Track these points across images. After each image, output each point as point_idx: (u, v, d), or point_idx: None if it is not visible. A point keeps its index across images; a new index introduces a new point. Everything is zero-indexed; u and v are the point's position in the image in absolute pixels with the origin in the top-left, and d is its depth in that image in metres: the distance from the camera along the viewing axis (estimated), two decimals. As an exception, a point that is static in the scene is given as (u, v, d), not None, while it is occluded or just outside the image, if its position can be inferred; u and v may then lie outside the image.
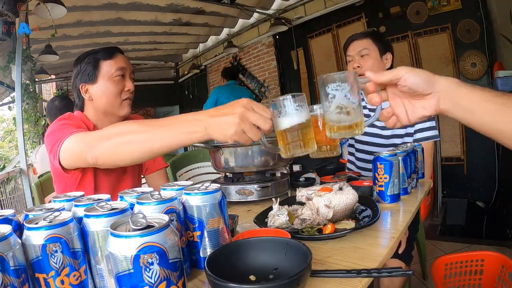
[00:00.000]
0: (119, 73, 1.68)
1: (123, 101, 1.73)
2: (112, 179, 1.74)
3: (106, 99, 1.69)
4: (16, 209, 4.93)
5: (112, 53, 1.70)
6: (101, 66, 1.67)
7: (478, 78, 4.56)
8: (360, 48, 2.06)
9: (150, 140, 1.11)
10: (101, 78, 1.67)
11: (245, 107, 0.96)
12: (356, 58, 2.08)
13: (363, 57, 2.06)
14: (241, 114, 0.95)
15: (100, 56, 1.67)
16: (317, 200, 1.16)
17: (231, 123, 0.95)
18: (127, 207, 0.79)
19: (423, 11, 4.95)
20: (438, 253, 3.28)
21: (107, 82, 1.67)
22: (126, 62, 1.74)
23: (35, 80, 6.16)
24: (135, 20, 6.14)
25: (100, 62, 1.67)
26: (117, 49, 1.75)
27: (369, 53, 2.05)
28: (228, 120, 0.96)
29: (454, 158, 4.92)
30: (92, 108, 1.72)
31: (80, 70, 1.68)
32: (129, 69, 1.73)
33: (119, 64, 1.69)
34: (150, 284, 0.61)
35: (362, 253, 0.99)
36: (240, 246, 0.89)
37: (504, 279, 1.73)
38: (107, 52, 1.70)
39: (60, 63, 7.26)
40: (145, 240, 0.61)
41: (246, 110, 0.96)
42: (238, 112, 0.95)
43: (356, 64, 2.06)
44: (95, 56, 1.68)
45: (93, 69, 1.66)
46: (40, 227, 0.68)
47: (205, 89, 9.56)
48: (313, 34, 6.54)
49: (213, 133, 0.99)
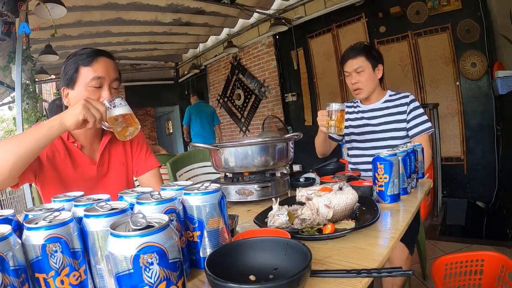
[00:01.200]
0: (94, 84, 1.55)
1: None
2: (85, 186, 1.63)
3: None
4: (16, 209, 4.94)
5: (91, 59, 1.55)
6: (79, 72, 1.55)
7: (478, 78, 4.57)
8: (356, 66, 2.33)
9: (18, 144, 1.29)
10: (78, 85, 1.55)
11: (84, 99, 1.35)
12: (353, 74, 2.36)
13: (359, 73, 2.34)
14: (83, 101, 1.33)
15: (80, 61, 1.54)
16: (317, 200, 1.16)
17: (76, 106, 1.32)
18: (127, 207, 0.79)
19: (423, 11, 4.95)
20: (438, 253, 3.28)
21: (83, 90, 1.54)
22: (107, 70, 1.58)
23: (35, 80, 6.14)
24: (135, 20, 6.15)
25: (79, 67, 1.54)
26: (99, 53, 1.60)
27: (363, 70, 2.32)
28: (75, 107, 1.33)
29: (454, 158, 4.92)
30: None
31: (63, 71, 1.59)
32: (108, 78, 1.58)
33: (97, 73, 1.54)
34: (150, 284, 0.61)
35: (362, 253, 0.99)
36: (240, 246, 0.89)
37: (504, 279, 1.72)
38: (87, 56, 1.55)
39: (60, 63, 7.23)
40: (145, 240, 0.61)
41: (86, 100, 1.35)
42: (81, 102, 1.33)
43: (354, 80, 2.35)
44: (76, 59, 1.55)
45: (73, 73, 1.55)
46: (40, 227, 0.68)
47: (205, 89, 9.57)
48: (313, 34, 6.54)
49: (66, 120, 1.32)
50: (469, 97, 4.70)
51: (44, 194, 1.61)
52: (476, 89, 4.63)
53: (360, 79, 2.32)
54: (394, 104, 2.36)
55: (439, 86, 4.97)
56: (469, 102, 4.72)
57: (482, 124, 4.60)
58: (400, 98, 2.36)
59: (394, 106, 2.35)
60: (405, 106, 2.31)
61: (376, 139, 2.37)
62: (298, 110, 7.09)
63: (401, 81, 5.29)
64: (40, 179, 1.56)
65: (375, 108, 2.42)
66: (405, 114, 2.30)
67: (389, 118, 2.34)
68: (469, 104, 4.71)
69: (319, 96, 6.60)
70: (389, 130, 2.33)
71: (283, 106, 7.36)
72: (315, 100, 6.69)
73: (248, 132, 8.29)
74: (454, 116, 4.83)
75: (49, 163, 1.56)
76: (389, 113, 2.35)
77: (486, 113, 4.55)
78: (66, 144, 1.63)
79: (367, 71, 2.32)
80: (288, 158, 1.80)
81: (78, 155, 1.66)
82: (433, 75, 5.01)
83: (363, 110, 2.47)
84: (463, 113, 4.77)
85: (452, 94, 4.82)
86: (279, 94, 7.36)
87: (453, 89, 4.81)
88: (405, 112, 2.31)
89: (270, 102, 7.59)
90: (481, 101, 4.60)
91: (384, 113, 2.37)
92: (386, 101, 2.40)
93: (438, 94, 4.96)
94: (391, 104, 2.37)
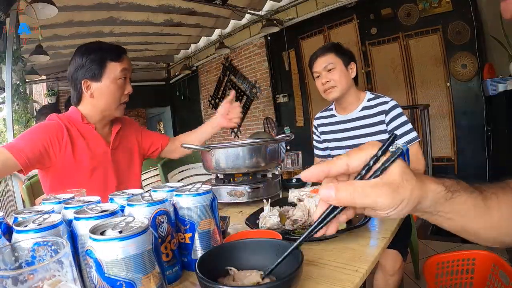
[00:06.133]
0: (122, 75, 1.72)
1: (120, 104, 1.78)
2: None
3: (107, 99, 1.73)
4: (6, 211, 4.89)
5: (120, 55, 1.73)
6: (107, 66, 1.69)
7: (469, 79, 4.60)
8: (325, 63, 2.15)
9: None
10: (105, 78, 1.70)
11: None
12: (323, 73, 2.17)
13: (330, 71, 2.15)
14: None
15: (108, 56, 1.69)
16: (308, 202, 1.16)
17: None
18: (117, 209, 0.79)
19: (414, 13, 4.98)
20: (430, 252, 3.30)
21: (111, 83, 1.70)
22: (130, 64, 1.78)
23: (25, 81, 6.11)
24: (127, 20, 6.12)
25: (107, 62, 1.69)
26: (124, 51, 1.78)
27: (335, 67, 2.14)
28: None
29: (445, 159, 4.95)
30: (90, 105, 1.76)
31: (85, 64, 1.68)
32: (130, 71, 1.78)
33: (124, 66, 1.73)
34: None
35: (354, 253, 0.99)
36: (231, 247, 0.88)
37: (495, 278, 1.74)
38: (115, 53, 1.72)
39: (50, 63, 7.21)
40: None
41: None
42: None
43: (325, 80, 2.16)
44: (102, 54, 1.69)
45: (99, 67, 1.67)
46: (29, 230, 0.68)
47: (196, 90, 9.56)
48: (304, 35, 6.55)
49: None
50: (459, 98, 4.73)
51: (50, 180, 1.70)
52: (466, 90, 4.66)
53: (332, 77, 2.14)
54: (373, 112, 2.16)
55: (429, 87, 5.00)
56: (459, 103, 4.75)
57: (473, 124, 4.64)
58: (378, 105, 2.15)
59: (373, 115, 2.15)
60: (383, 115, 2.11)
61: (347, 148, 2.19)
62: (289, 111, 7.09)
63: (392, 82, 5.31)
64: (47, 166, 1.66)
65: (352, 118, 2.24)
66: (384, 124, 2.11)
67: (368, 130, 2.17)
68: (460, 105, 4.75)
69: (311, 97, 6.61)
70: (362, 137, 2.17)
71: (275, 107, 7.36)
72: (306, 101, 6.70)
73: (239, 133, 8.27)
74: (445, 116, 4.87)
75: (58, 148, 1.66)
76: (367, 123, 2.17)
77: (477, 114, 4.58)
78: (80, 125, 1.76)
79: (338, 68, 2.14)
80: (279, 159, 1.80)
81: (93, 134, 1.79)
82: (424, 76, 5.04)
83: (339, 121, 2.31)
84: (453, 114, 4.80)
85: (443, 95, 4.85)
86: (270, 95, 7.35)
87: (444, 90, 4.84)
88: (383, 122, 2.12)
89: (261, 103, 7.58)
90: (471, 102, 4.63)
91: (361, 123, 2.20)
92: (363, 108, 2.20)
93: (429, 95, 4.99)
94: (370, 112, 2.17)
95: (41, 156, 1.58)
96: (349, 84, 2.18)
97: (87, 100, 1.75)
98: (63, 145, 1.65)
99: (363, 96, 2.23)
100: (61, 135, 1.66)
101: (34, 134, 1.63)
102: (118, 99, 1.76)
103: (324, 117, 2.41)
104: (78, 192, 1.04)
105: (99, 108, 1.75)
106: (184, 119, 10.70)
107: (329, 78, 2.15)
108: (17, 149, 1.52)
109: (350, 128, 2.24)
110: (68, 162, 1.67)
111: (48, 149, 1.61)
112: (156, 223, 0.82)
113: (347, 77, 2.16)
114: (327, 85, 2.16)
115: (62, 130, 1.67)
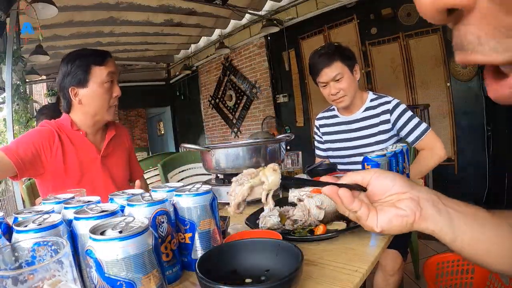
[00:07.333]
0: (109, 79, 1.73)
1: (110, 107, 1.79)
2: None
3: (95, 104, 1.74)
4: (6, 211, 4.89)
5: (104, 59, 1.73)
6: (92, 71, 1.69)
7: (469, 79, 4.59)
8: (333, 74, 2.09)
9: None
10: (91, 83, 1.70)
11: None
12: (331, 83, 2.12)
13: (338, 81, 2.10)
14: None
15: (91, 61, 1.70)
16: (308, 202, 1.16)
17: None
18: (117, 209, 0.79)
19: (414, 13, 4.96)
20: (430, 252, 3.30)
21: (98, 87, 1.71)
22: (115, 67, 1.78)
23: (25, 81, 6.10)
24: (127, 20, 6.11)
25: (92, 67, 1.69)
26: (108, 54, 1.78)
27: (343, 76, 2.09)
28: None
29: (445, 159, 4.94)
30: (80, 112, 1.78)
31: (70, 72, 1.69)
32: (117, 74, 1.78)
33: (110, 69, 1.73)
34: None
35: (353, 253, 0.99)
36: (231, 247, 0.88)
37: (495, 278, 1.74)
38: (99, 57, 1.73)
39: (51, 63, 7.20)
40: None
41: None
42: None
43: (334, 90, 2.12)
44: (86, 60, 1.70)
45: (84, 73, 1.68)
46: (29, 230, 0.68)
47: (196, 90, 9.56)
48: (304, 35, 6.54)
49: None
50: (459, 98, 4.72)
51: (43, 186, 1.73)
52: (466, 90, 4.65)
53: (341, 86, 2.10)
54: (376, 112, 2.16)
55: (430, 87, 4.99)
56: (459, 103, 4.74)
57: (473, 124, 4.63)
58: (381, 105, 2.16)
59: (376, 115, 2.16)
60: (387, 115, 2.12)
61: (358, 154, 2.19)
62: (289, 111, 7.09)
63: (392, 82, 5.31)
64: (40, 172, 1.68)
65: (356, 119, 2.24)
66: (390, 124, 2.12)
67: (371, 130, 2.18)
68: (460, 105, 4.74)
69: (311, 97, 6.60)
70: (372, 144, 2.17)
71: (275, 107, 7.35)
72: (306, 101, 6.69)
73: (239, 133, 8.27)
74: (445, 116, 4.86)
75: (48, 155, 1.67)
76: (371, 124, 2.18)
77: (477, 114, 4.58)
78: (69, 132, 1.77)
79: (346, 77, 2.10)
80: (279, 159, 1.80)
81: (82, 141, 1.80)
82: (424, 76, 5.03)
83: (342, 122, 2.31)
84: (453, 114, 4.79)
85: (443, 95, 4.84)
86: (270, 95, 7.34)
87: (444, 90, 4.83)
88: (388, 121, 2.12)
89: (261, 103, 7.58)
90: (471, 102, 4.62)
91: (365, 124, 2.20)
92: (367, 108, 2.20)
93: (429, 95, 4.98)
94: (373, 112, 2.17)
95: (33, 158, 1.60)
96: (356, 89, 2.16)
97: (76, 107, 1.77)
98: (54, 150, 1.68)
99: (365, 96, 2.23)
100: (52, 140, 1.68)
101: (26, 138, 1.66)
102: (106, 103, 1.77)
103: (327, 117, 2.41)
104: (78, 192, 1.04)
105: (89, 114, 1.77)
106: (184, 119, 10.71)
107: (338, 88, 2.11)
108: (10, 150, 1.55)
109: (354, 129, 2.24)
110: (59, 168, 1.69)
111: (40, 152, 1.64)
112: (156, 223, 0.82)
113: (354, 83, 2.14)
114: (336, 95, 2.13)
115: (54, 135, 1.69)
